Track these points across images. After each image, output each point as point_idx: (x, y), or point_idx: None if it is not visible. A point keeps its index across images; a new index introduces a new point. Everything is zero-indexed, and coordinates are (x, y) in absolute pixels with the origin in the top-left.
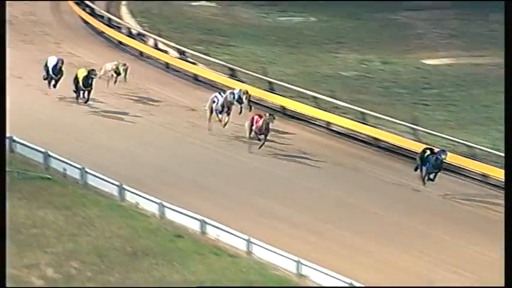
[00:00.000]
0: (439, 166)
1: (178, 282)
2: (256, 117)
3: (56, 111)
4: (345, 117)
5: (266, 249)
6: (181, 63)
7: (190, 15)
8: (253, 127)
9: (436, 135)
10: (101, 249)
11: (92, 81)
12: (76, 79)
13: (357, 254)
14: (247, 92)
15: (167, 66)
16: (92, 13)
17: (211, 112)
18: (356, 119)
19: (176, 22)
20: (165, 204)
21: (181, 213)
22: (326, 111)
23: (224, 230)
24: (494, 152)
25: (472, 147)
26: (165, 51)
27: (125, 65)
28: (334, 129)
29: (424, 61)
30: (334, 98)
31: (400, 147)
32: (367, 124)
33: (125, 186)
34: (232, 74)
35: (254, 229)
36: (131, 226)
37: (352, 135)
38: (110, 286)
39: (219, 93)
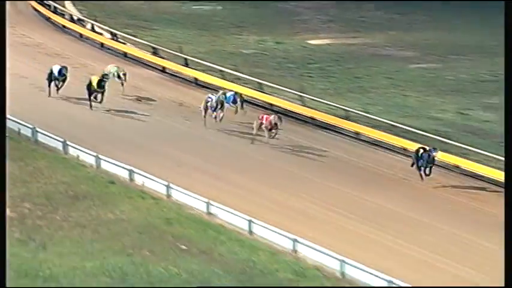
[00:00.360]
0: (432, 161)
1: (111, 220)
2: (265, 116)
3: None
4: (246, 86)
5: (182, 192)
6: (114, 43)
7: (121, 5)
8: (263, 125)
9: (318, 101)
10: (49, 193)
11: (104, 84)
12: (90, 84)
13: (252, 194)
14: (241, 95)
15: (102, 46)
16: (41, 2)
17: (206, 110)
18: (255, 88)
19: (109, 10)
20: (101, 156)
21: (113, 164)
22: (230, 81)
23: (148, 178)
24: (365, 114)
25: (347, 110)
26: (100, 34)
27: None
28: None
29: (308, 41)
30: (237, 71)
31: (290, 110)
32: (263, 92)
33: (68, 142)
34: (155, 52)
35: (173, 177)
36: (73, 174)
37: (251, 101)
38: (56, 223)
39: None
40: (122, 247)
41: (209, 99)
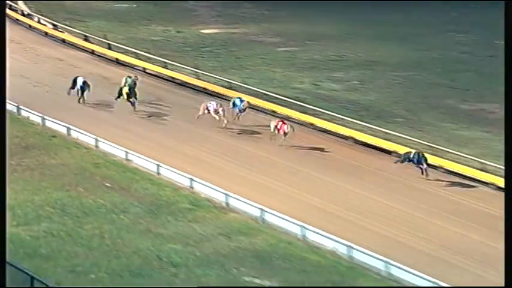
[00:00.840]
0: (421, 160)
1: (53, 164)
2: (280, 122)
3: None
4: (155, 64)
5: (106, 144)
6: (55, 32)
7: (60, 3)
8: (280, 130)
9: (208, 75)
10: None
11: (134, 90)
12: (121, 91)
13: (159, 146)
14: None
15: (46, 34)
16: None
17: (207, 112)
18: (161, 66)
19: (51, 7)
20: (45, 117)
21: (55, 122)
22: (143, 61)
23: (81, 133)
24: (244, 85)
25: (230, 82)
26: (45, 25)
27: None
28: (148, 72)
29: (201, 31)
30: (148, 53)
31: (187, 82)
32: (167, 68)
33: (20, 107)
34: (86, 39)
35: (102, 133)
36: (24, 130)
37: (158, 75)
38: (11, 167)
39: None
40: (61, 185)
41: (210, 105)
